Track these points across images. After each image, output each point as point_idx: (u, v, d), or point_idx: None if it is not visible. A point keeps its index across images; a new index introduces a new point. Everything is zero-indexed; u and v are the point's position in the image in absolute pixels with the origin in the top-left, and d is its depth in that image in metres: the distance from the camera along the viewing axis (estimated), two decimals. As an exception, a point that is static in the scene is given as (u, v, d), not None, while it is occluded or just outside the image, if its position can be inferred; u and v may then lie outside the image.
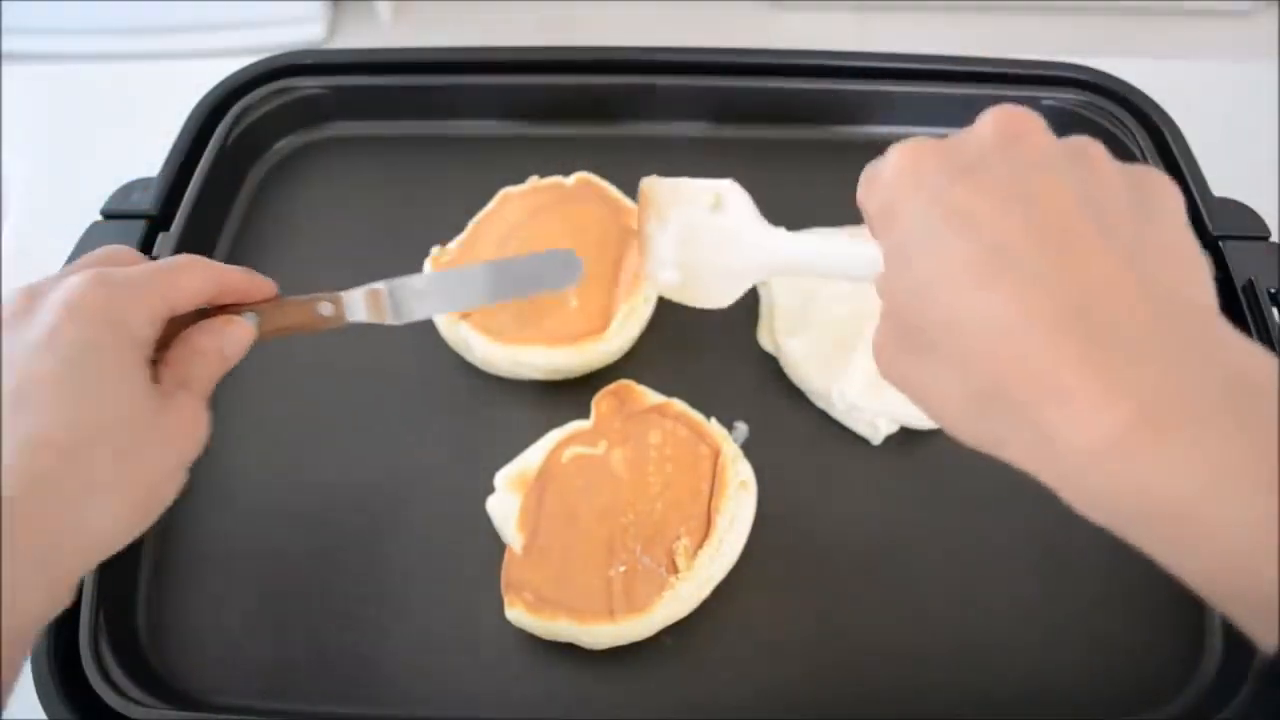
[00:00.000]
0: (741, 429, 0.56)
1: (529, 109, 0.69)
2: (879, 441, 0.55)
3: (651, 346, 0.58)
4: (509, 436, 0.54)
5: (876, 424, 0.55)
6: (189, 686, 0.48)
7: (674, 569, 0.48)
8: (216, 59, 0.70)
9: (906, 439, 0.55)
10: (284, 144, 0.69)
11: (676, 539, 0.49)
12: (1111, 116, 0.65)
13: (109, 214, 0.61)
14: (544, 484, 0.51)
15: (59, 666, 0.46)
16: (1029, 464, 0.31)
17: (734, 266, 0.49)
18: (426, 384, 0.58)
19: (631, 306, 0.57)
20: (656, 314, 0.58)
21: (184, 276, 0.41)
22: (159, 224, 0.60)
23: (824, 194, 0.57)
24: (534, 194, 0.61)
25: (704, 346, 0.59)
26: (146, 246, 0.59)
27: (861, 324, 0.56)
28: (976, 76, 0.68)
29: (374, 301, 0.47)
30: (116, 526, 0.37)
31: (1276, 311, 0.55)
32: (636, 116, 0.69)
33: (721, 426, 0.53)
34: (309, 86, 0.68)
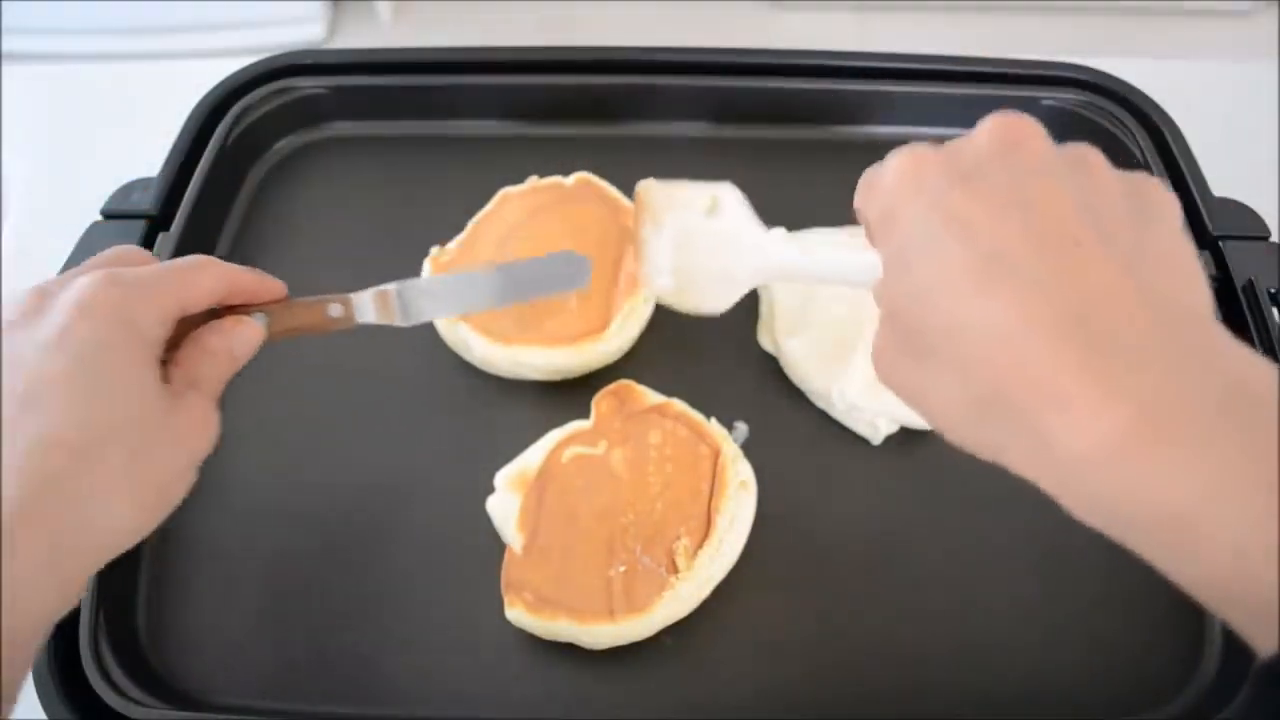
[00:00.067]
0: (741, 429, 0.56)
1: (529, 109, 0.69)
2: (879, 441, 0.55)
3: (651, 346, 0.58)
4: (509, 436, 0.54)
5: (876, 424, 0.55)
6: (189, 686, 0.48)
7: (674, 569, 0.48)
8: (216, 59, 0.70)
9: (906, 439, 0.55)
10: (284, 144, 0.69)
11: (676, 539, 0.49)
12: (1111, 116, 0.65)
13: (109, 214, 0.61)
14: (544, 484, 0.51)
15: (59, 666, 0.46)
16: (1028, 470, 0.31)
17: (730, 271, 0.49)
18: (426, 384, 0.58)
19: (631, 307, 0.57)
20: (656, 314, 0.58)
21: (195, 277, 0.41)
22: (159, 224, 0.60)
23: (824, 194, 0.57)
24: (533, 194, 0.61)
25: (704, 346, 0.59)
26: (146, 246, 0.59)
27: (861, 324, 0.56)
28: (976, 76, 0.68)
29: (383, 303, 0.47)
30: (126, 526, 0.37)
31: (1276, 311, 0.55)
32: (636, 116, 0.69)
33: (721, 426, 0.53)
34: (309, 86, 0.68)
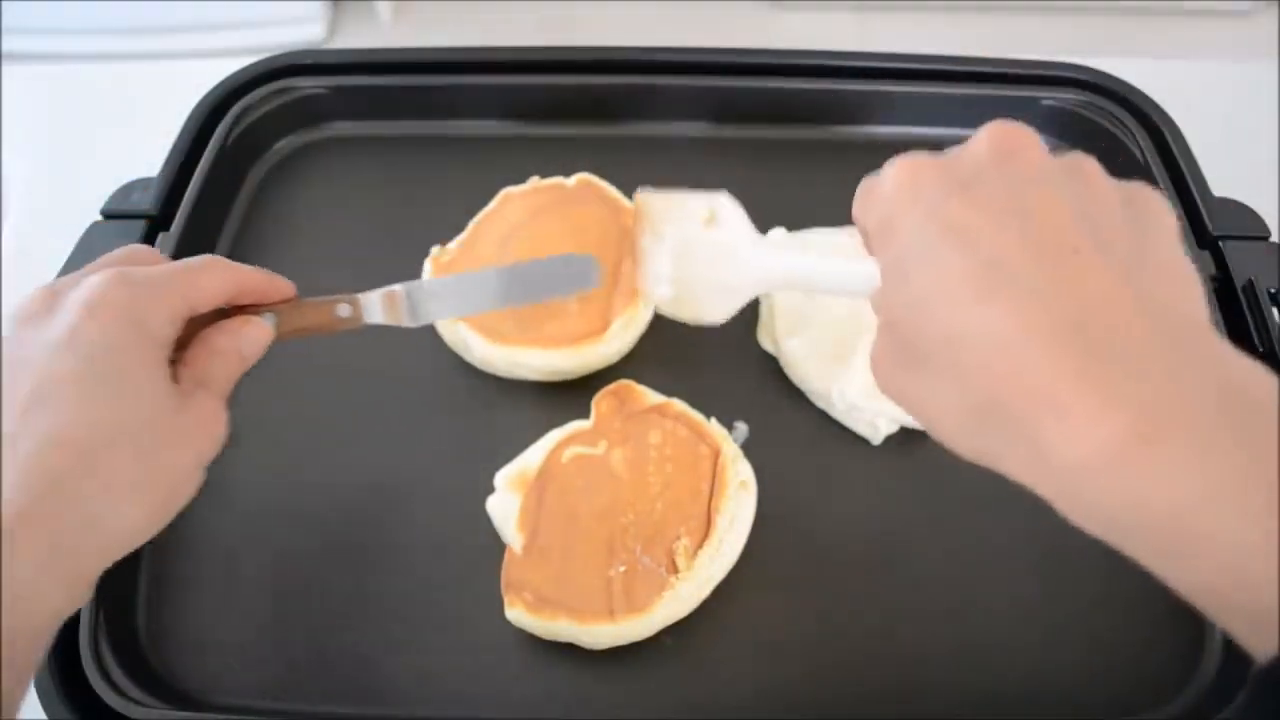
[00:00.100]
0: (741, 429, 0.56)
1: (529, 109, 0.69)
2: (879, 441, 0.55)
3: (651, 347, 0.58)
4: (509, 436, 0.54)
5: (876, 424, 0.55)
6: (189, 686, 0.48)
7: (674, 569, 0.48)
8: (216, 59, 0.70)
9: (906, 439, 0.55)
10: (284, 144, 0.69)
11: (676, 539, 0.49)
12: (1111, 116, 0.65)
13: (109, 214, 0.61)
14: (544, 484, 0.51)
15: (59, 666, 0.46)
16: (1026, 477, 0.31)
17: (729, 282, 0.49)
18: (426, 384, 0.58)
19: (631, 315, 0.57)
20: (656, 315, 0.58)
21: (204, 277, 0.41)
22: (159, 224, 0.60)
23: (824, 194, 0.57)
24: (535, 194, 0.61)
25: (704, 346, 0.59)
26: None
27: (861, 323, 0.56)
28: (976, 76, 0.68)
29: (391, 304, 0.47)
30: (135, 525, 0.37)
31: (1276, 311, 0.55)
32: (636, 116, 0.69)
33: (721, 426, 0.53)
34: (309, 86, 0.68)
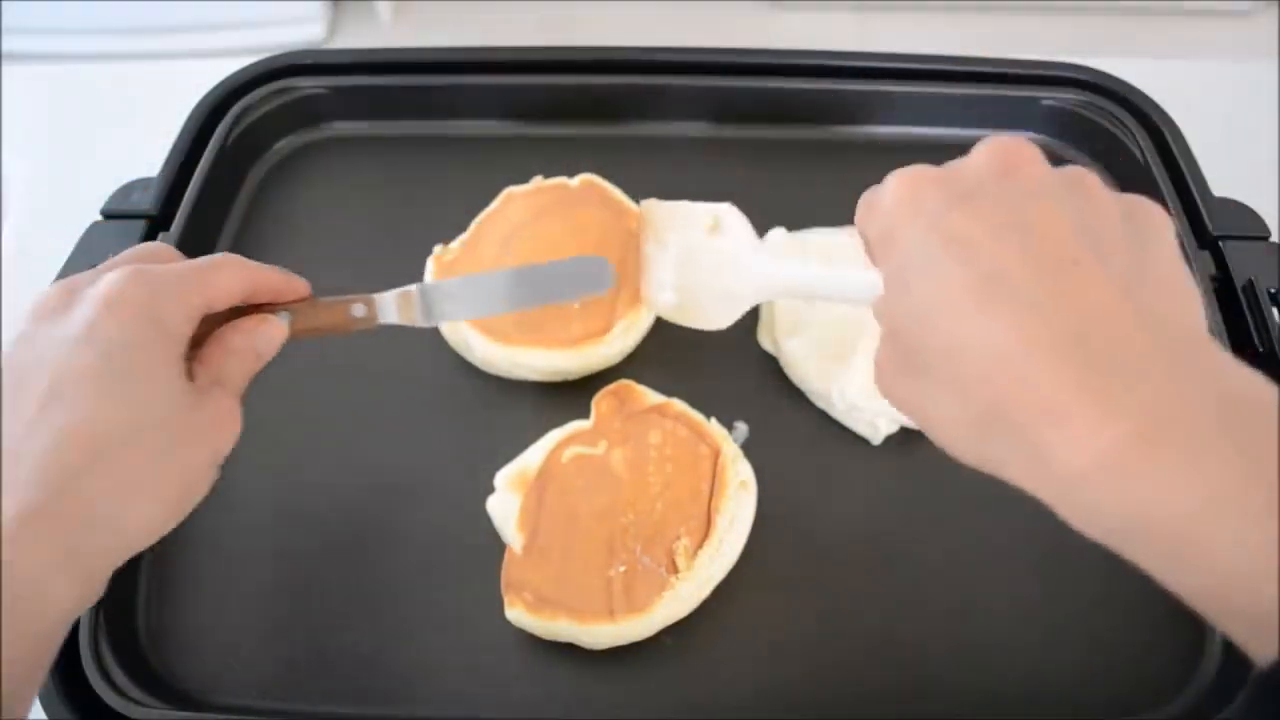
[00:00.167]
0: (741, 429, 0.56)
1: (529, 109, 0.69)
2: (879, 441, 0.55)
3: (652, 346, 0.58)
4: (509, 436, 0.54)
5: (876, 424, 0.55)
6: (189, 686, 0.48)
7: (674, 569, 0.48)
8: (216, 59, 0.70)
9: (906, 439, 0.55)
10: (284, 144, 0.69)
11: (676, 539, 0.49)
12: (1111, 116, 0.65)
13: (109, 214, 0.61)
14: (544, 484, 0.51)
15: (59, 666, 0.46)
16: (1028, 483, 0.31)
17: (732, 289, 0.50)
18: (426, 384, 0.58)
19: (633, 319, 0.57)
20: (657, 316, 0.58)
21: (221, 275, 0.41)
22: (159, 224, 0.60)
23: (824, 194, 0.57)
24: (537, 194, 0.61)
25: (704, 346, 0.59)
26: (146, 247, 0.59)
27: (862, 324, 0.56)
28: (976, 76, 0.68)
29: (405, 304, 0.47)
30: (149, 523, 0.37)
31: (1276, 311, 0.55)
32: (636, 117, 0.69)
33: (721, 426, 0.53)
34: (309, 86, 0.68)
